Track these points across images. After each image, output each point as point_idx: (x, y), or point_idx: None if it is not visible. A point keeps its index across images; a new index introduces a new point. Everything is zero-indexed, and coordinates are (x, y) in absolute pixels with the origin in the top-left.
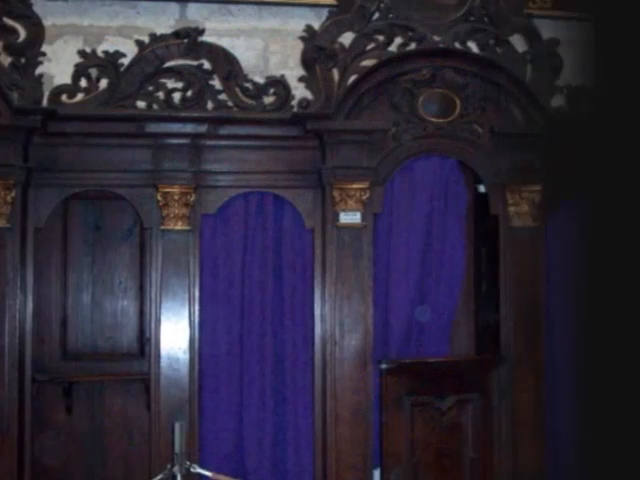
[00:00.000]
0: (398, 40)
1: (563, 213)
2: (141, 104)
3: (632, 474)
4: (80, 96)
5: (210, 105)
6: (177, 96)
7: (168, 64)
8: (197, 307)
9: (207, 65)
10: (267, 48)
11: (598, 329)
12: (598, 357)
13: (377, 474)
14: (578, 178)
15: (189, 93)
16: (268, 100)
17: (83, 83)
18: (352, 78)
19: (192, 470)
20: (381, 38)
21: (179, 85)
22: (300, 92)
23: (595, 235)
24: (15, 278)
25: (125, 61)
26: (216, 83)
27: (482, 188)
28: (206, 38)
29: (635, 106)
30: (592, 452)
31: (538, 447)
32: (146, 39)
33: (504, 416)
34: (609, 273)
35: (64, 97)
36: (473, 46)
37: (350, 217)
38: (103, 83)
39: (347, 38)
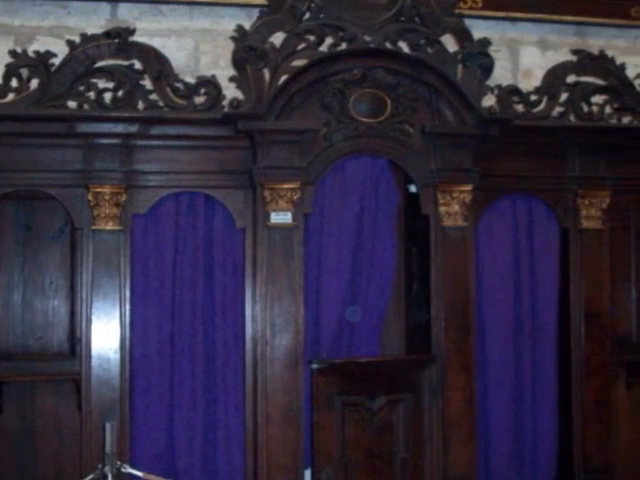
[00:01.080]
0: (329, 40)
1: (494, 213)
2: (72, 104)
3: None
4: (11, 96)
5: (141, 105)
6: (108, 96)
7: (99, 64)
8: (128, 307)
9: (138, 65)
10: (198, 48)
11: None
12: None
13: (308, 474)
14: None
15: (120, 93)
16: (199, 100)
17: (14, 83)
18: (283, 78)
19: (123, 470)
20: (312, 38)
21: (110, 85)
22: (231, 92)
23: None
24: None
25: (56, 61)
26: (147, 83)
27: (413, 188)
28: (137, 38)
29: None
30: None
31: (469, 447)
32: (77, 39)
33: (435, 416)
34: None
35: None
36: (404, 46)
37: (281, 217)
38: (34, 83)
39: (278, 38)
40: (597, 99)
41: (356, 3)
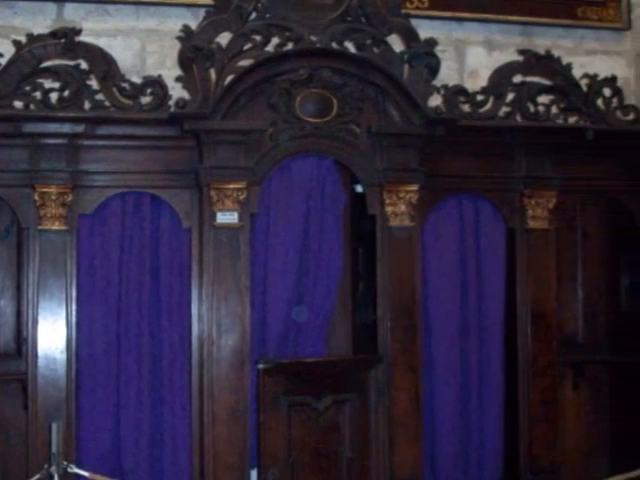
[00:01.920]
0: (275, 40)
1: (440, 213)
2: (18, 104)
3: None
4: None
5: (87, 105)
6: (54, 96)
7: (45, 64)
8: (74, 307)
9: (84, 65)
10: (144, 48)
11: None
12: None
13: (254, 474)
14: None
15: (66, 93)
16: (145, 100)
17: None
18: (229, 78)
19: (69, 470)
20: (258, 38)
21: (56, 85)
22: (177, 92)
23: None
24: None
25: (2, 61)
26: (93, 83)
27: (359, 188)
28: (83, 38)
29: None
30: None
31: (415, 447)
32: (23, 39)
33: (381, 416)
34: None
35: None
36: (350, 46)
37: (227, 217)
38: None
39: (224, 38)
40: (543, 99)
41: (302, 3)
